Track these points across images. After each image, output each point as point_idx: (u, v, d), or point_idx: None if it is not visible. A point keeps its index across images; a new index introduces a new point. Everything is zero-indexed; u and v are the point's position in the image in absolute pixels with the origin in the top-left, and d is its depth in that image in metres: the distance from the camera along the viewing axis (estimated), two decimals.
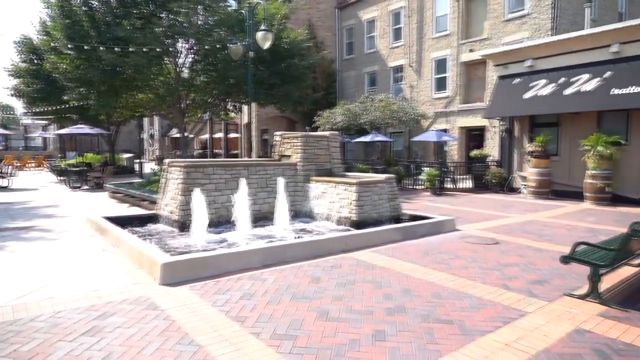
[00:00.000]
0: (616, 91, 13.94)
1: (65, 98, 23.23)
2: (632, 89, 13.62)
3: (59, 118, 33.57)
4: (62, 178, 22.35)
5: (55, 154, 41.75)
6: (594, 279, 5.30)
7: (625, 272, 6.37)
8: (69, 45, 18.65)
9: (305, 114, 30.12)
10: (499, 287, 5.80)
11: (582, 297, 5.36)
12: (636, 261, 6.53)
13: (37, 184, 21.95)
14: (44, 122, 44.75)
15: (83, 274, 6.23)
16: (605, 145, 13.93)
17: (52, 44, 21.02)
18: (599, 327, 4.56)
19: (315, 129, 24.06)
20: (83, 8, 19.16)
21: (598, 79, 14.65)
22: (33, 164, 36.74)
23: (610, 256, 5.36)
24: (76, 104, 24.55)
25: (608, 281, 5.89)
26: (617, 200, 14.32)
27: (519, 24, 22.39)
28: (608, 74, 14.51)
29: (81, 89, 20.95)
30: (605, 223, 10.88)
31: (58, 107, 28.22)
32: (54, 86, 25.48)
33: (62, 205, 14.11)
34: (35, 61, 26.98)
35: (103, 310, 4.87)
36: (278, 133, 11.91)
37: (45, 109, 30.66)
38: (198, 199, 8.62)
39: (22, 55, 27.54)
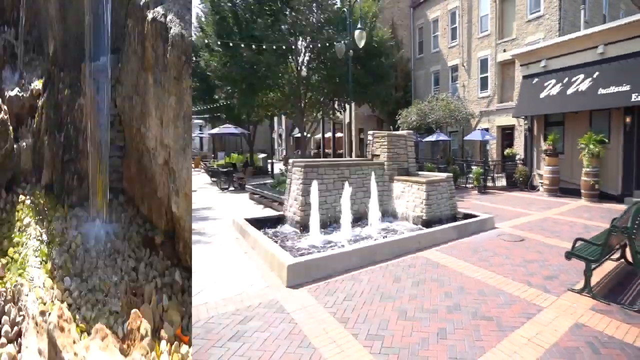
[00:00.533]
0: (602, 91, 12.66)
1: (215, 97, 21.62)
2: (613, 89, 12.35)
3: (211, 118, 30.28)
4: (214, 179, 20.43)
5: (209, 155, 37.95)
6: (588, 273, 5.06)
7: (609, 266, 6.08)
8: (218, 42, 16.95)
9: (390, 113, 26.51)
10: (524, 283, 5.60)
11: (579, 292, 5.16)
12: (615, 255, 6.09)
13: (195, 186, 19.19)
14: (200, 122, 39.42)
15: (229, 278, 5.91)
16: (594, 144, 12.71)
17: (205, 41, 19.02)
18: (591, 320, 4.38)
19: (397, 128, 21.54)
20: (228, 4, 17.50)
21: (590, 79, 13.33)
22: (192, 165, 38.21)
23: (598, 251, 5.07)
24: (224, 103, 22.58)
25: (598, 275, 5.61)
26: (603, 197, 13.10)
27: (537, 24, 20.24)
28: (596, 74, 13.19)
29: (227, 88, 19.13)
30: (595, 219, 10.06)
31: (210, 106, 25.56)
32: (207, 84, 22.95)
33: (214, 207, 13.33)
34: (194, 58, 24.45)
35: (244, 315, 4.62)
36: (370, 132, 10.57)
37: (202, 108, 27.34)
38: (314, 199, 7.74)
39: None
